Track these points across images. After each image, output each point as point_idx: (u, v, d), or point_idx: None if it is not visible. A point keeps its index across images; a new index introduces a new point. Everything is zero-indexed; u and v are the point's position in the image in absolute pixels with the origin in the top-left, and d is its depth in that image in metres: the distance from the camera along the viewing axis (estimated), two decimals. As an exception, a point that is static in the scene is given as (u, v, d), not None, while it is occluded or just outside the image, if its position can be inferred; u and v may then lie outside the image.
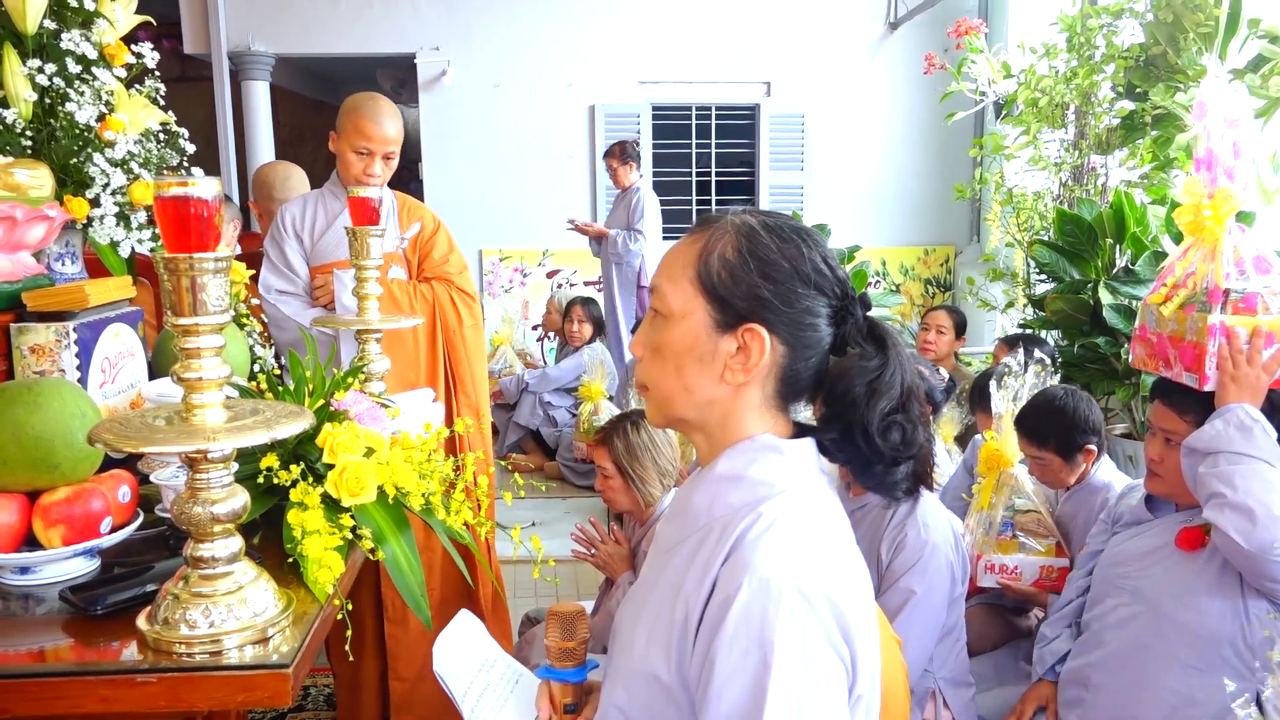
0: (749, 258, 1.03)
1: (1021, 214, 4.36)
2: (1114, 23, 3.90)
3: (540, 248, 7.00)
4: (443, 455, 1.64)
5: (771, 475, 1.04)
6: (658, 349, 1.08)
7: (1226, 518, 1.74)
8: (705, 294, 1.04)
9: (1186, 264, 1.99)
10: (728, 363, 1.03)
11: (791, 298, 1.02)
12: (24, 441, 1.35)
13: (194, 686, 1.11)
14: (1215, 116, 1.91)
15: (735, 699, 0.93)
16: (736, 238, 1.04)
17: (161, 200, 1.05)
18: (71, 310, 1.75)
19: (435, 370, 2.68)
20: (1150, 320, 2.05)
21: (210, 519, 1.14)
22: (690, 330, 1.05)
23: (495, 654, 1.30)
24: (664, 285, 1.08)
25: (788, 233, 1.05)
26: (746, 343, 1.03)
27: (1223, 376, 1.86)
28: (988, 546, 2.52)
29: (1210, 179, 1.92)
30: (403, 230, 2.74)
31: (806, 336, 1.04)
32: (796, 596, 0.93)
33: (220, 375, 1.12)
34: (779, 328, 1.03)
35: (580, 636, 1.21)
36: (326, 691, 3.02)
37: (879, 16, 6.87)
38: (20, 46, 1.92)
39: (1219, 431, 1.80)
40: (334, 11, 6.67)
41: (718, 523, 1.03)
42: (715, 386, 1.05)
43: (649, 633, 1.04)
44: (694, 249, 1.06)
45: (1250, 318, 1.87)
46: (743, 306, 1.03)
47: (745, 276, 1.03)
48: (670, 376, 1.07)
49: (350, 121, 2.60)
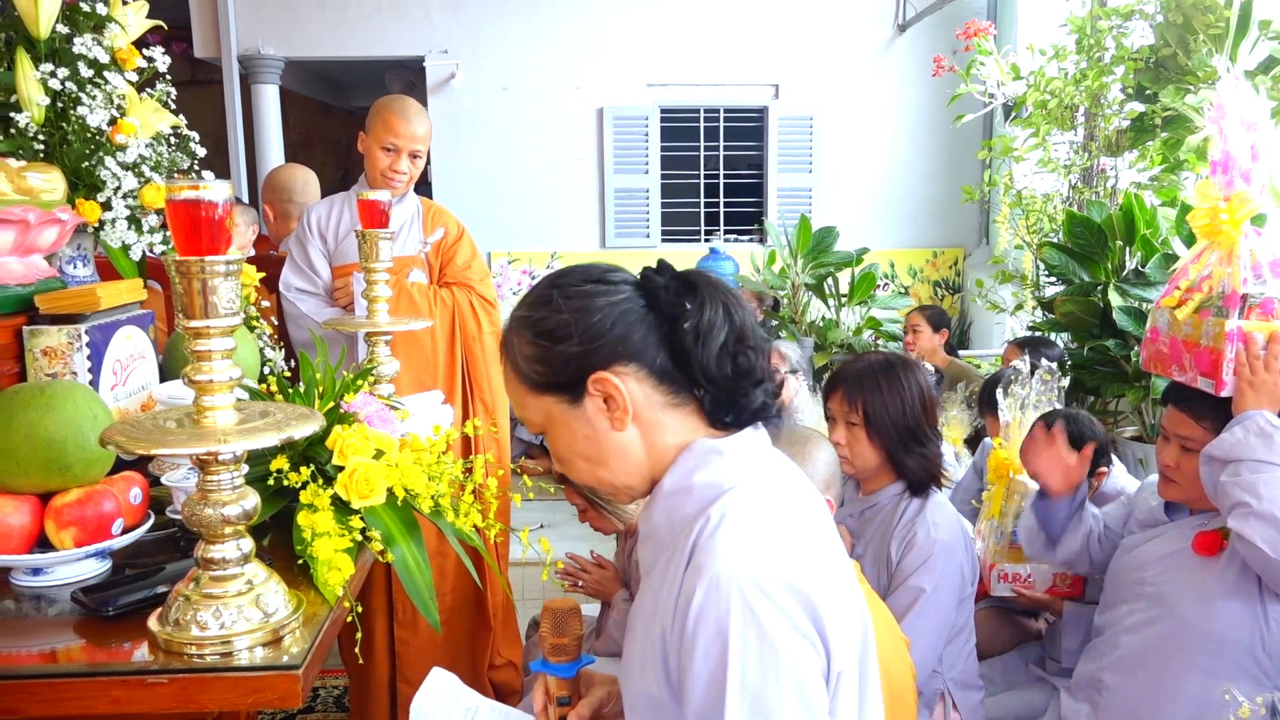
0: (539, 339, 1.06)
1: (1031, 216, 4.34)
2: (1124, 24, 3.88)
3: (549, 250, 7.01)
4: (453, 459, 1.64)
5: (717, 476, 1.05)
6: (562, 459, 1.13)
7: (1253, 527, 1.72)
8: (542, 392, 1.08)
9: (1200, 267, 1.96)
10: (607, 417, 1.06)
11: (592, 331, 1.05)
12: (36, 443, 1.36)
13: (205, 687, 1.12)
14: (1233, 119, 1.88)
15: (701, 696, 0.95)
16: (519, 335, 1.09)
17: (173, 204, 1.06)
18: (83, 313, 1.76)
19: (453, 375, 2.69)
20: (1162, 324, 2.03)
21: (221, 520, 1.14)
22: (561, 424, 1.09)
23: (476, 701, 1.31)
24: (518, 413, 1.13)
25: (545, 293, 1.08)
26: (603, 391, 1.05)
27: (1240, 383, 1.83)
28: (1000, 555, 2.50)
29: (1226, 182, 1.89)
30: (426, 235, 2.76)
31: (635, 340, 1.05)
32: (751, 589, 0.95)
33: (231, 377, 1.12)
34: (612, 358, 1.05)
35: (573, 633, 1.22)
36: (336, 693, 3.03)
37: (887, 19, 6.86)
38: (33, 51, 1.93)
39: (1239, 439, 1.77)
40: (343, 15, 6.69)
41: (680, 536, 1.05)
42: (617, 440, 1.07)
43: (641, 654, 1.06)
44: (509, 371, 1.11)
45: (1267, 323, 1.85)
46: (570, 372, 1.06)
47: (550, 354, 1.06)
48: (586, 468, 1.11)
49: (379, 119, 2.63)
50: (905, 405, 2.09)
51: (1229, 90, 1.91)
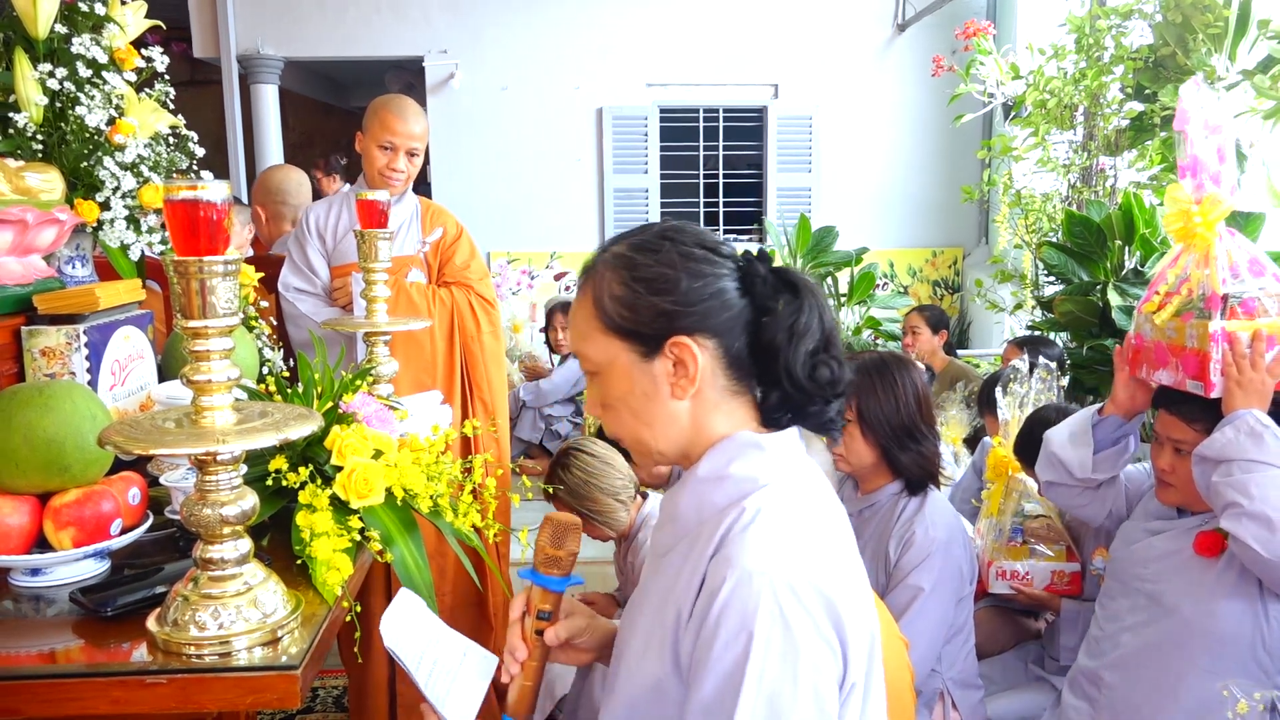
0: (635, 284, 1.05)
1: (1030, 215, 4.34)
2: (1123, 24, 3.88)
3: (548, 250, 7.01)
4: (452, 459, 1.64)
5: (754, 470, 1.05)
6: (607, 405, 1.11)
7: (1245, 527, 1.72)
8: (617, 335, 1.07)
9: (1179, 270, 1.96)
10: (671, 382, 1.06)
11: (691, 295, 1.04)
12: (35, 444, 1.36)
13: (204, 688, 1.11)
14: (1196, 123, 1.87)
15: (714, 686, 0.95)
16: (616, 272, 1.07)
17: (171, 204, 1.06)
18: (82, 313, 1.76)
19: (452, 375, 2.69)
20: (1146, 329, 2.02)
21: (219, 521, 1.14)
22: (623, 373, 1.07)
23: (440, 629, 1.32)
24: (580, 347, 1.11)
25: (655, 241, 1.07)
26: (678, 356, 1.05)
27: (1228, 383, 1.83)
28: (998, 553, 2.51)
29: (1196, 185, 1.88)
30: (425, 234, 2.76)
31: (725, 319, 1.05)
32: (781, 587, 0.95)
33: (229, 377, 1.12)
34: (698, 327, 1.04)
35: (569, 548, 1.23)
36: (335, 693, 3.03)
37: (887, 18, 6.86)
38: (31, 51, 1.93)
39: (1230, 439, 1.78)
40: (343, 15, 6.69)
41: (706, 524, 1.05)
42: (671, 408, 1.07)
43: (646, 634, 1.05)
44: (587, 302, 1.09)
45: (1250, 321, 1.84)
46: (655, 328, 1.05)
47: (641, 302, 1.05)
48: (630, 422, 1.10)
49: (376, 118, 2.63)
50: (899, 403, 2.10)
51: (1191, 95, 1.90)
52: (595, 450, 2.50)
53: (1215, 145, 1.87)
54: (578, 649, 1.26)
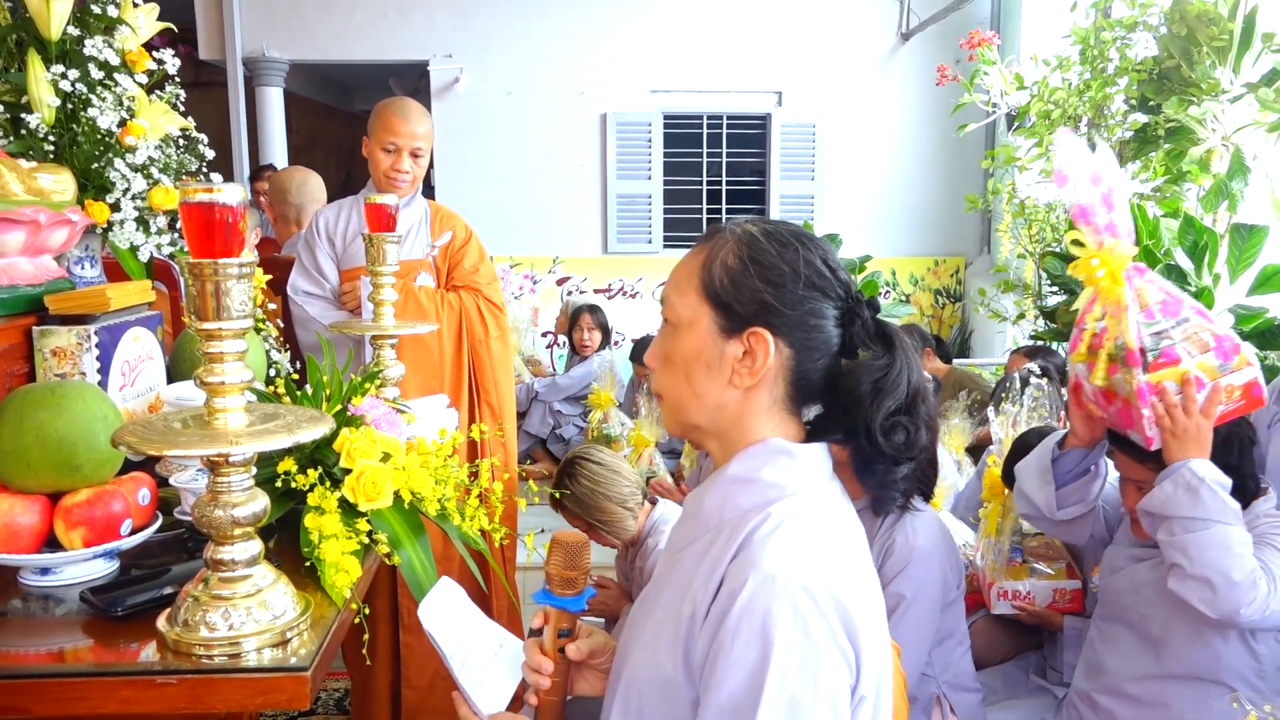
0: (750, 264, 1.05)
1: (1033, 225, 4.35)
2: (1127, 35, 3.90)
3: (551, 255, 7.02)
4: (458, 463, 1.65)
5: (782, 478, 1.05)
6: (668, 357, 1.11)
7: (1189, 589, 1.73)
8: (709, 301, 1.07)
9: (1096, 315, 1.88)
10: (735, 367, 1.06)
11: (794, 301, 1.04)
12: (47, 443, 1.36)
13: (213, 688, 1.12)
14: (1078, 178, 1.79)
15: (733, 689, 0.95)
16: (738, 245, 1.07)
17: (187, 206, 1.06)
18: (93, 313, 1.76)
19: (460, 379, 2.69)
20: (1082, 373, 1.93)
21: (231, 522, 1.15)
22: (697, 337, 1.07)
23: (478, 618, 1.33)
24: (671, 295, 1.11)
25: (788, 238, 1.07)
26: (752, 346, 1.05)
27: (1164, 435, 1.78)
28: (999, 573, 2.50)
29: (1095, 234, 1.81)
30: (434, 238, 2.76)
31: (812, 338, 1.05)
32: (801, 594, 0.95)
33: (243, 379, 1.13)
34: (783, 331, 1.05)
35: (582, 567, 1.23)
36: (337, 695, 3.03)
37: (891, 27, 6.88)
38: (44, 52, 1.94)
39: (1169, 495, 1.76)
40: (348, 18, 6.71)
41: (727, 524, 1.05)
42: (724, 391, 1.07)
43: (657, 629, 1.05)
44: (698, 259, 1.09)
45: (1175, 368, 1.77)
46: (747, 311, 1.05)
47: (747, 282, 1.05)
48: (680, 383, 1.09)
49: (379, 121, 2.64)
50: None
51: (1066, 149, 1.80)
52: (602, 458, 2.50)
53: (1100, 195, 1.79)
54: (597, 672, 1.26)
